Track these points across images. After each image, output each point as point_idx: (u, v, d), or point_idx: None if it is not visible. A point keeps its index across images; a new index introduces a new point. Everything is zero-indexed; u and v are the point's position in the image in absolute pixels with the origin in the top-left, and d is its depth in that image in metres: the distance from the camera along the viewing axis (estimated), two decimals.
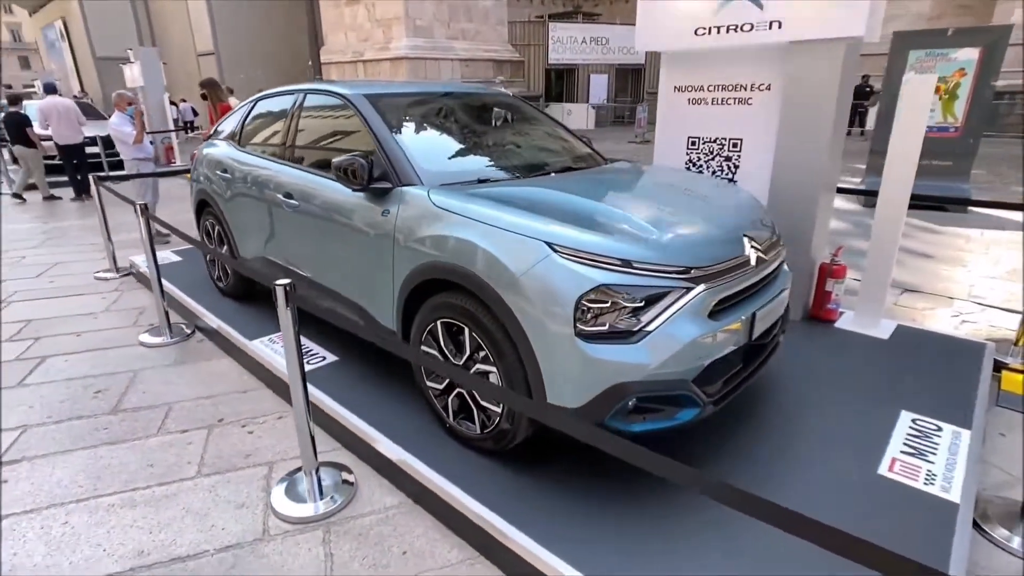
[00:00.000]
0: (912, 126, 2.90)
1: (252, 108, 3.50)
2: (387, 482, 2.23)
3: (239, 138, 3.49)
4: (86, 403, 2.83)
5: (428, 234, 2.09)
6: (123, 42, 22.72)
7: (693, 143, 3.69)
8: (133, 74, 11.12)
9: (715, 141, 3.59)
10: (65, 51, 24.72)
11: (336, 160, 2.29)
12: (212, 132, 3.98)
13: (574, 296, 1.70)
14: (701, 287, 1.79)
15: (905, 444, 2.20)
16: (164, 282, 4.13)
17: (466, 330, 2.02)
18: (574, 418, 1.77)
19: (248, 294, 3.74)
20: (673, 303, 1.75)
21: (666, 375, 1.74)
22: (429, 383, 2.29)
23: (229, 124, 3.72)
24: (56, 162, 8.05)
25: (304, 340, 3.21)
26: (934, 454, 2.14)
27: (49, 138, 7.65)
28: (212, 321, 3.51)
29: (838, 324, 3.35)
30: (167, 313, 3.59)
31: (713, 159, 3.64)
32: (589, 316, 1.71)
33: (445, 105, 2.98)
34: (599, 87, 23.19)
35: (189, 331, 3.65)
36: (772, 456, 2.16)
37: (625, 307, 1.72)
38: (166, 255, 4.92)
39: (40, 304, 4.24)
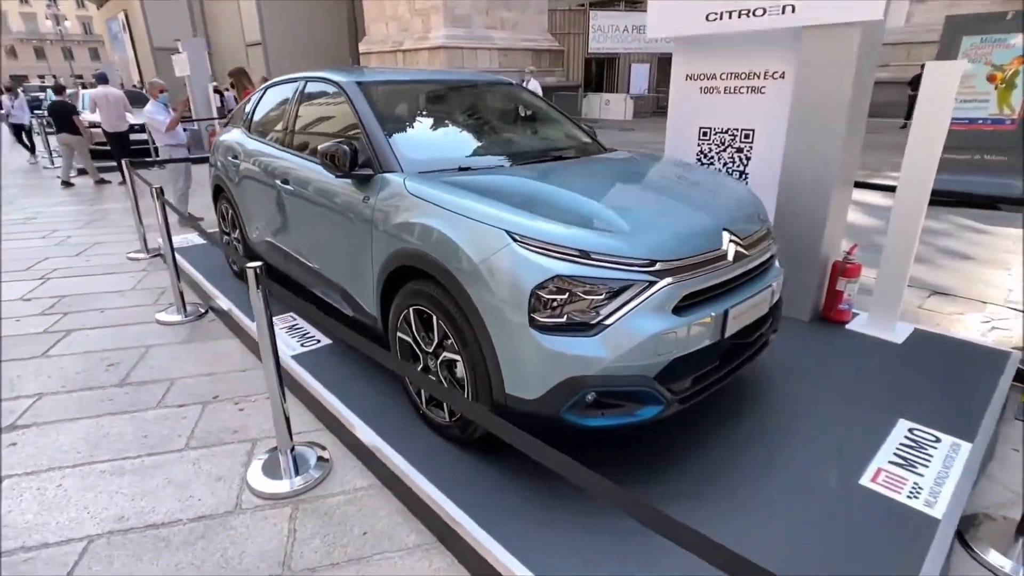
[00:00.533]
0: (934, 116, 2.70)
1: (262, 96, 3.60)
2: (361, 464, 2.27)
3: (248, 125, 3.59)
4: (98, 375, 3.00)
5: (401, 221, 2.10)
6: (178, 33, 23.74)
7: (704, 134, 3.57)
8: (181, 63, 11.65)
9: (727, 132, 3.46)
10: (127, 42, 26.02)
11: (321, 146, 2.33)
12: (228, 119, 4.11)
13: (529, 286, 1.68)
14: (666, 281, 1.73)
15: (895, 454, 2.08)
16: (185, 263, 4.34)
17: (434, 318, 2.03)
18: (532, 409, 1.77)
19: None
20: (634, 296, 1.70)
21: (625, 370, 1.70)
22: None
23: (243, 111, 3.83)
24: (105, 148, 8.51)
25: (301, 322, 3.30)
26: (925, 466, 2.01)
27: (99, 124, 8.09)
28: (223, 302, 3.65)
29: (850, 326, 3.19)
30: (182, 293, 3.75)
31: (724, 150, 3.51)
32: (545, 307, 1.69)
33: (442, 93, 2.98)
34: (640, 77, 22.68)
35: (203, 311, 3.81)
36: (755, 458, 2.08)
37: (583, 299, 1.69)
38: (192, 237, 5.13)
39: (74, 281, 4.51)
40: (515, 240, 1.74)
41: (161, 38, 23.29)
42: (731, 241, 1.95)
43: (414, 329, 2.16)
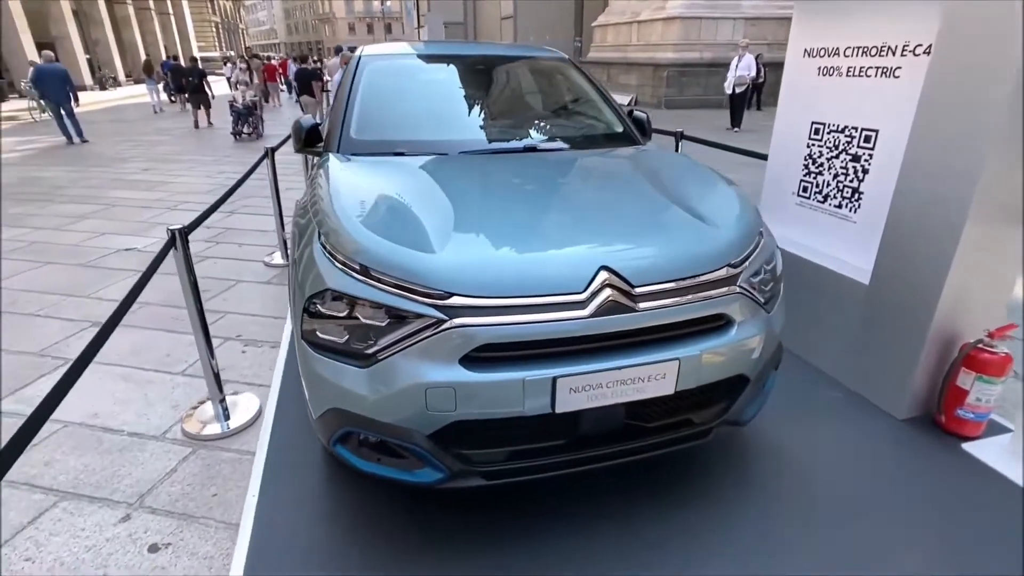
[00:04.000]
0: None
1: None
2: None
3: None
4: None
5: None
6: (453, 9, 26.72)
7: (816, 131, 2.63)
8: (423, 36, 13.24)
9: (843, 131, 2.48)
10: (415, 18, 30.49)
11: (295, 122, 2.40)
12: None
13: (306, 294, 1.49)
14: (458, 321, 1.35)
15: None
16: None
17: None
18: (315, 429, 1.61)
19: None
20: (414, 333, 1.37)
21: (389, 417, 1.40)
22: None
23: None
24: None
25: None
26: None
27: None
28: None
29: (972, 446, 2.07)
30: (285, 241, 4.35)
31: (836, 156, 2.53)
32: (321, 322, 1.47)
33: (456, 68, 2.73)
34: None
35: None
36: None
37: (360, 322, 1.42)
38: None
39: (247, 218, 5.59)
40: (319, 239, 1.55)
41: (438, 13, 26.64)
42: (607, 286, 1.40)
43: None
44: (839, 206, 2.55)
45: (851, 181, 2.48)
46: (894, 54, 2.22)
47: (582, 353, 1.41)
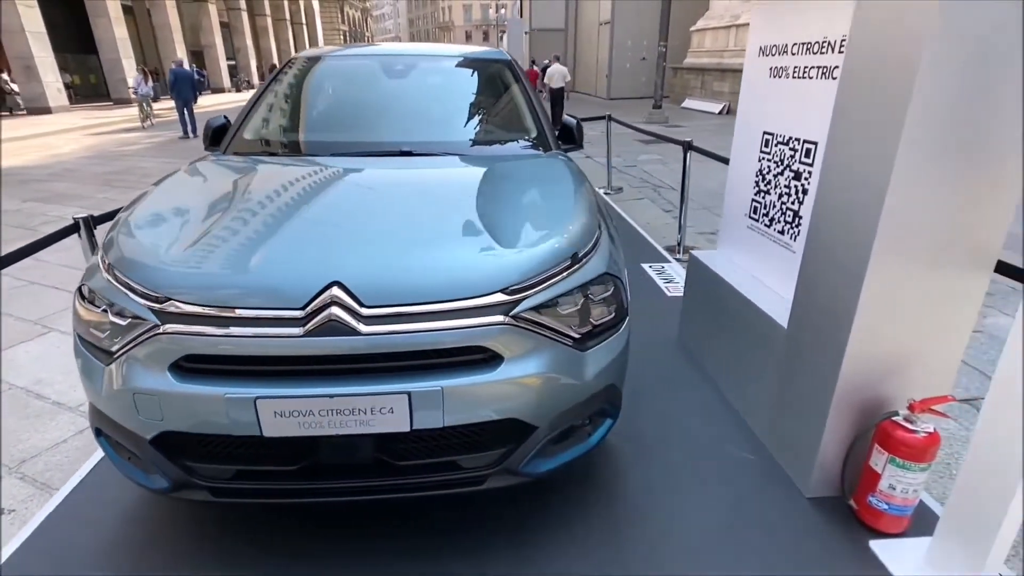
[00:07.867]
0: None
1: None
2: None
3: None
4: None
5: None
6: (554, 16, 26.73)
7: (767, 143, 2.25)
8: (503, 44, 13.40)
9: (788, 142, 2.11)
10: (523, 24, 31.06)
11: None
12: None
13: (78, 285, 1.51)
14: (169, 327, 1.29)
15: None
16: None
17: None
18: None
19: None
20: (137, 336, 1.33)
21: (119, 418, 1.38)
22: None
23: None
24: None
25: None
26: None
27: None
28: None
29: (880, 546, 1.63)
30: None
31: (781, 173, 2.15)
32: (83, 312, 1.48)
33: (381, 71, 2.65)
34: None
35: None
36: None
37: (108, 320, 1.41)
38: None
39: None
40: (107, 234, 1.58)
41: (538, 20, 26.81)
42: (333, 304, 1.27)
43: None
44: (782, 232, 2.15)
45: (792, 203, 2.08)
46: (832, 51, 1.82)
47: (294, 375, 1.29)
